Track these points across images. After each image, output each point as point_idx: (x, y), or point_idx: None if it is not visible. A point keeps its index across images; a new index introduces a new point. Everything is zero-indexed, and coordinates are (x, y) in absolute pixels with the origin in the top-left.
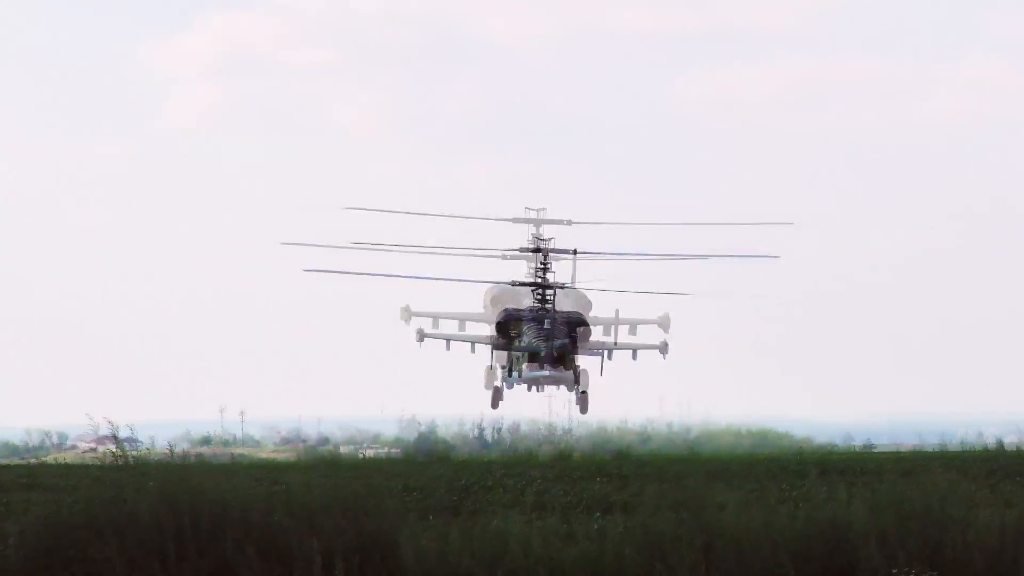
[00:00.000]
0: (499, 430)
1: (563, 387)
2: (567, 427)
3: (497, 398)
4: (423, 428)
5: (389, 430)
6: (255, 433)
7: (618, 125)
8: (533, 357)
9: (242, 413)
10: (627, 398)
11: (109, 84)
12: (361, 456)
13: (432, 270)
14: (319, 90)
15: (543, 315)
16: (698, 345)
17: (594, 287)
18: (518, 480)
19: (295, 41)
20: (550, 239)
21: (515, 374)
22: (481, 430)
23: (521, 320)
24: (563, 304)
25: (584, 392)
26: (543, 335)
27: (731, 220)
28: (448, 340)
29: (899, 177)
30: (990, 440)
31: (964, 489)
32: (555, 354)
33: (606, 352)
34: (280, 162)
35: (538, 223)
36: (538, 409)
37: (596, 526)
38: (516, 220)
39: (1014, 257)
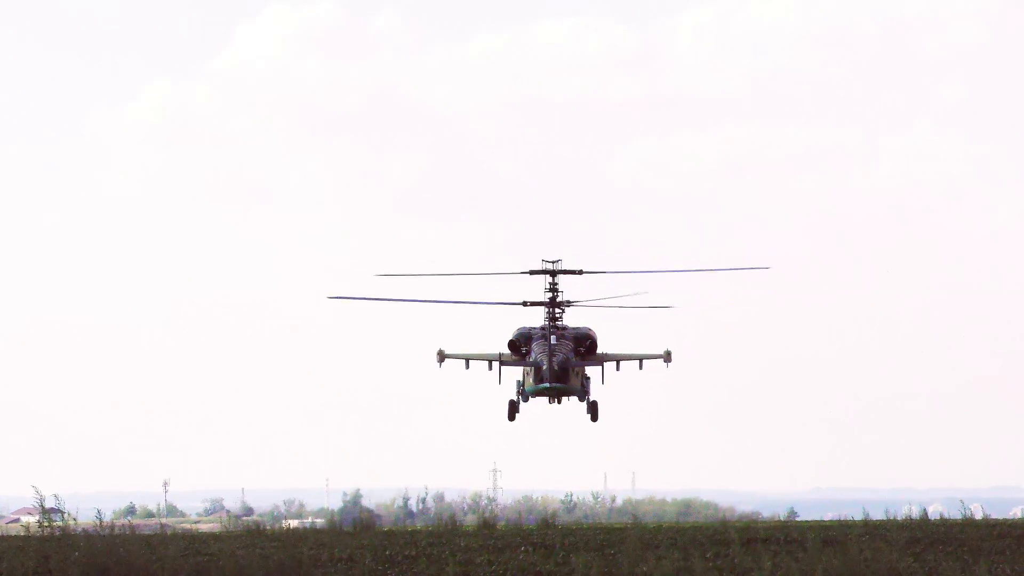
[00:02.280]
0: (423, 499)
1: (574, 398)
2: (491, 496)
3: (512, 411)
4: (348, 498)
5: (314, 500)
6: (178, 503)
7: (562, 190)
8: (539, 371)
9: (166, 483)
10: (563, 467)
11: (55, 151)
12: (286, 526)
13: (456, 319)
14: (263, 157)
15: (548, 331)
16: (633, 413)
17: (593, 302)
18: (442, 550)
19: (239, 109)
20: (558, 260)
21: (527, 389)
22: (406, 500)
23: (531, 337)
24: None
25: (593, 402)
26: (546, 350)
27: (707, 267)
28: (467, 359)
29: (842, 246)
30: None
31: (887, 558)
32: (556, 367)
33: (614, 363)
34: (225, 228)
35: (553, 273)
36: (463, 479)
37: None
38: (533, 272)
39: (948, 334)
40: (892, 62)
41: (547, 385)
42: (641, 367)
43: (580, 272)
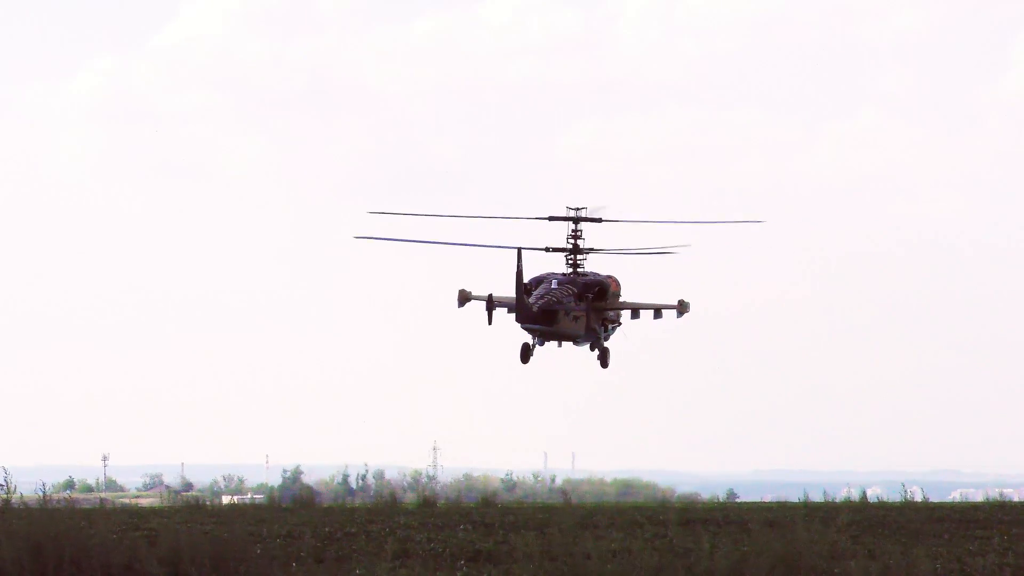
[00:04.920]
0: (363, 477)
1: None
2: (431, 474)
3: (525, 354)
4: (287, 474)
5: (254, 476)
6: (118, 478)
7: (503, 173)
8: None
9: (105, 458)
10: (504, 446)
11: None
12: (225, 502)
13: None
14: (204, 134)
15: (552, 276)
16: (574, 393)
17: (605, 251)
18: (382, 527)
19: (180, 86)
20: (582, 208)
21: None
22: (346, 477)
23: (541, 281)
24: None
25: (604, 350)
26: (540, 293)
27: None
28: (487, 301)
29: (784, 231)
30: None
31: (827, 540)
32: (539, 311)
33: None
34: (168, 205)
35: (576, 220)
36: (403, 457)
37: (459, 575)
38: (553, 218)
39: (897, 321)
40: (835, 48)
41: (538, 327)
42: (658, 316)
43: (600, 220)
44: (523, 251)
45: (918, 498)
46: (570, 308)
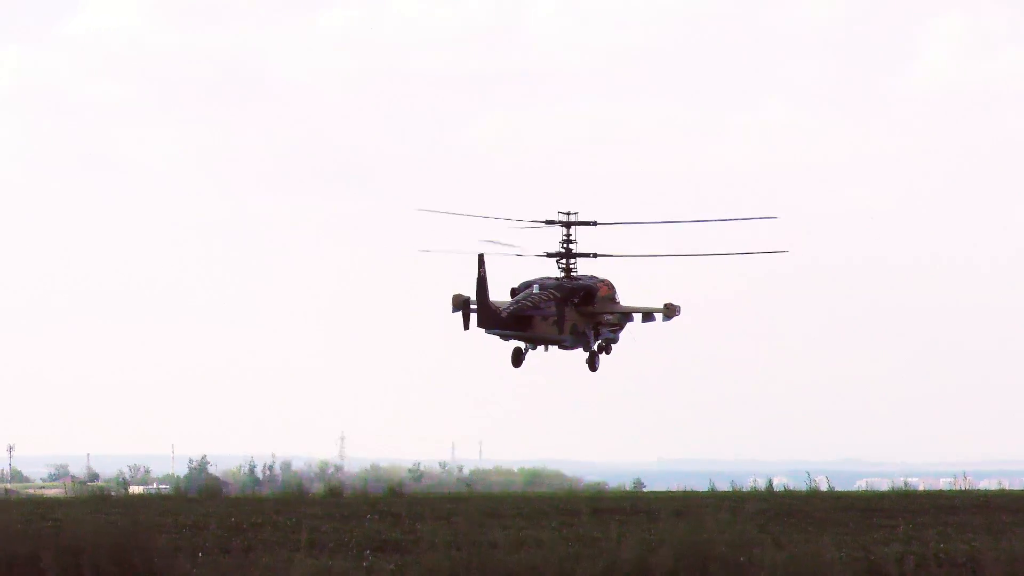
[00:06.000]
0: (270, 467)
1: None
2: (338, 464)
3: (516, 357)
4: (194, 465)
5: (160, 467)
6: (23, 469)
7: (413, 163)
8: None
9: (10, 448)
10: (411, 436)
11: None
12: (131, 492)
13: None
14: (117, 125)
15: (536, 281)
16: (481, 383)
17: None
18: (289, 517)
19: (92, 76)
20: (574, 213)
21: None
22: (252, 467)
23: (528, 285)
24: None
25: (592, 353)
26: (516, 299)
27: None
28: (463, 305)
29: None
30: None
31: (734, 529)
32: (509, 316)
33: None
34: (73, 195)
35: (567, 224)
36: (310, 447)
37: (366, 564)
38: (549, 223)
39: (804, 306)
40: (746, 38)
41: (507, 332)
42: (647, 319)
43: (595, 223)
44: (523, 256)
45: (824, 487)
46: (547, 313)
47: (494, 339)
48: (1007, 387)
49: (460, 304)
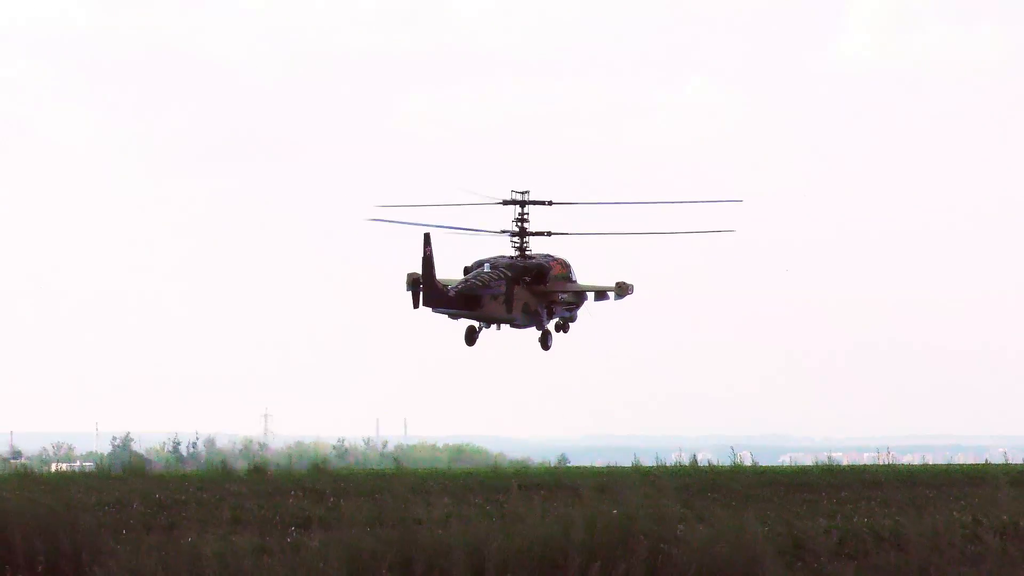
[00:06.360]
0: (194, 444)
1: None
2: (263, 441)
3: (471, 336)
4: (117, 442)
5: (84, 444)
6: None
7: (341, 142)
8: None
9: None
10: (335, 413)
11: None
12: (55, 470)
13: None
14: (33, 105)
15: (488, 260)
16: (405, 358)
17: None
18: (213, 494)
19: (12, 56)
20: (527, 191)
21: None
22: (176, 445)
23: (481, 265)
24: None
25: (544, 332)
26: (466, 278)
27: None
28: (412, 283)
29: (619, 199)
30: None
31: (658, 504)
32: (457, 295)
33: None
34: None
35: (523, 203)
36: (234, 424)
37: (290, 540)
38: (506, 203)
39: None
40: (668, 15)
41: (452, 310)
42: (600, 298)
43: (550, 203)
44: (476, 235)
45: (748, 462)
46: (497, 292)
47: (422, 316)
48: (930, 364)
49: (413, 283)
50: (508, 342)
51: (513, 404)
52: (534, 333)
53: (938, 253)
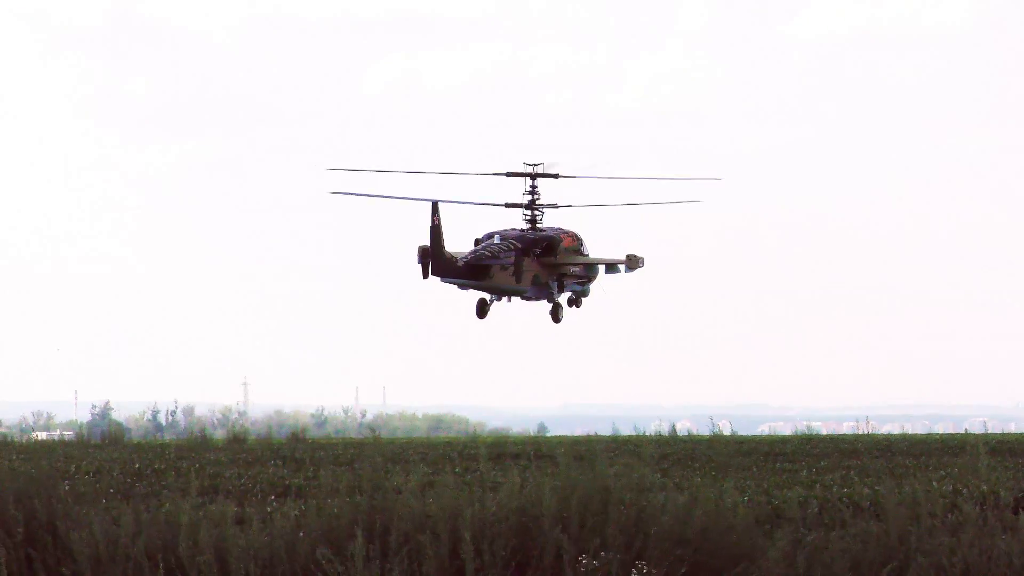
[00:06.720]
0: (173, 413)
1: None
2: (241, 410)
3: (481, 309)
4: (96, 411)
5: (63, 412)
6: None
7: (310, 111)
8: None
9: None
10: (315, 382)
11: None
12: (34, 438)
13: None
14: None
15: (498, 232)
16: (384, 327)
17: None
18: (192, 463)
19: None
20: (539, 164)
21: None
22: (155, 413)
23: (491, 237)
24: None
25: (555, 305)
26: (475, 249)
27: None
28: (421, 253)
29: (594, 167)
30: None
31: (637, 473)
32: (466, 266)
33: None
34: None
35: (533, 176)
36: (213, 393)
37: (269, 509)
38: (511, 174)
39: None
40: None
41: (461, 280)
42: (610, 271)
43: (557, 176)
44: (485, 207)
45: (727, 432)
46: (506, 263)
47: (402, 286)
48: (910, 333)
49: (423, 254)
50: (491, 312)
51: (493, 374)
52: (521, 305)
53: (916, 222)
